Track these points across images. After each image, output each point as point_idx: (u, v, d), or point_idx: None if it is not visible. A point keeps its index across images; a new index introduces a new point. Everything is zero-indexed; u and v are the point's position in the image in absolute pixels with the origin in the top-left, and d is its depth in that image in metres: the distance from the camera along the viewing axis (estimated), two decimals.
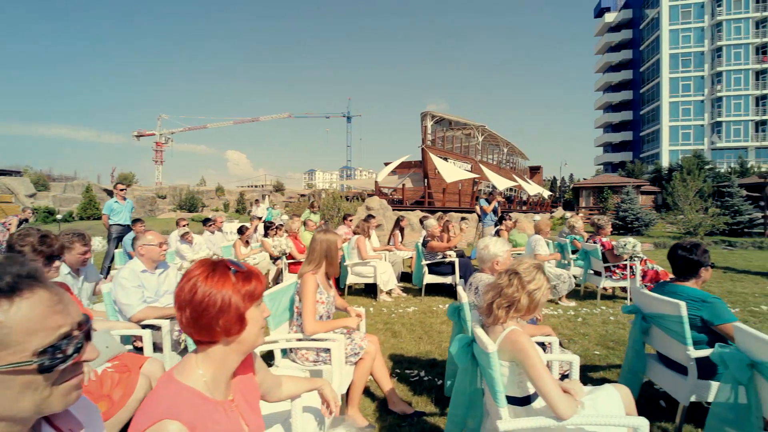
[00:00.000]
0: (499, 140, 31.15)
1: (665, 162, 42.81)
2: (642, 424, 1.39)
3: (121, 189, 7.18)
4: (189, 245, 5.80)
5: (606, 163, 57.76)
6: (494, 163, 30.40)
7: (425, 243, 5.52)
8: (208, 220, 7.47)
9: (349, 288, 6.09)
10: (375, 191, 19.06)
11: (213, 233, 7.39)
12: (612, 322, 4.45)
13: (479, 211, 8.42)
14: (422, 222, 5.99)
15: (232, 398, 1.08)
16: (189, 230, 5.91)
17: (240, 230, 6.18)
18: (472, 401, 1.73)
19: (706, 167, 30.49)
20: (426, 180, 21.46)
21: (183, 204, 43.89)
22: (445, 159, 22.78)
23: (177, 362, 1.06)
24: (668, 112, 46.23)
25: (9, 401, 0.63)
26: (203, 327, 0.98)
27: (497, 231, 6.32)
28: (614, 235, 16.48)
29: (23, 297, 0.64)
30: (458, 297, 2.50)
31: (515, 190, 30.67)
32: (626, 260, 5.07)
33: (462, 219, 20.11)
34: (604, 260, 5.22)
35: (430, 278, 5.48)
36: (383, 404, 2.66)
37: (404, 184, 23.48)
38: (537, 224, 5.32)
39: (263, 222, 16.87)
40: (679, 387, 2.22)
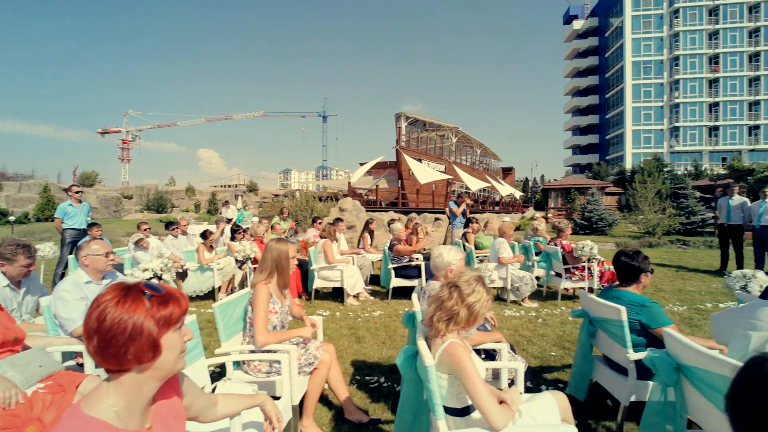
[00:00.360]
0: (473, 142, 31.71)
1: (628, 164, 44.85)
2: None
3: (77, 191, 6.81)
4: (145, 252, 5.57)
5: (575, 165, 59.92)
6: (468, 165, 30.92)
7: (391, 246, 5.54)
8: (171, 224, 7.20)
9: (317, 292, 6.04)
10: (348, 192, 18.97)
11: (176, 237, 7.14)
12: (570, 323, 4.60)
13: (449, 213, 8.53)
14: (389, 225, 6.01)
15: (150, 425, 1.04)
16: (143, 236, 5.68)
17: (203, 235, 5.99)
18: (418, 412, 1.75)
19: (665, 170, 32.13)
20: (400, 181, 21.57)
21: (151, 204, 42.22)
22: (419, 160, 22.98)
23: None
24: (631, 117, 48.49)
25: None
26: (111, 356, 0.93)
27: (464, 234, 6.43)
28: (580, 235, 17.11)
29: None
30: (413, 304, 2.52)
31: (488, 191, 31.30)
32: (585, 262, 5.28)
33: (435, 220, 20.36)
34: (565, 262, 5.41)
35: (397, 281, 5.50)
36: (340, 413, 2.64)
37: (378, 185, 23.50)
38: (501, 228, 5.44)
39: (233, 224, 16.50)
40: (621, 387, 2.32)
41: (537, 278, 6.00)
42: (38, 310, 2.97)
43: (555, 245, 5.55)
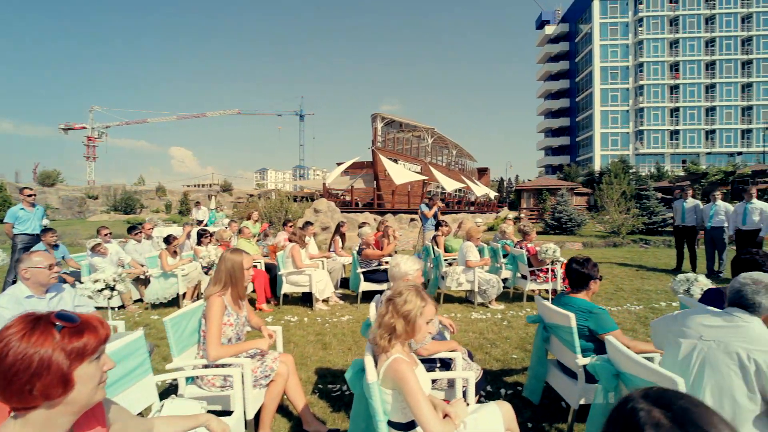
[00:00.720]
0: (448, 142, 32.12)
1: (597, 165, 46.58)
2: None
3: (29, 195, 6.45)
4: (103, 258, 5.34)
5: (547, 166, 61.70)
6: (443, 165, 31.28)
7: (360, 251, 5.53)
8: (134, 228, 6.91)
9: (286, 297, 5.96)
10: (323, 193, 18.82)
11: (139, 242, 6.86)
12: (533, 325, 4.73)
13: (420, 216, 8.60)
14: (359, 228, 6.00)
15: None
16: (101, 241, 5.43)
17: (167, 239, 5.78)
18: (369, 426, 1.74)
19: (630, 171, 33.54)
20: (376, 182, 21.59)
21: (118, 205, 40.51)
22: (395, 161, 23.06)
23: None
24: (599, 120, 50.40)
25: None
26: (14, 393, 0.88)
27: (434, 237, 6.49)
28: (551, 235, 17.58)
29: None
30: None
31: (463, 191, 31.77)
32: (548, 264, 5.43)
33: (411, 220, 20.47)
34: (530, 264, 5.55)
35: (366, 286, 5.49)
36: (298, 423, 2.61)
37: (354, 186, 23.43)
38: (468, 231, 5.53)
39: (205, 226, 15.98)
40: (571, 391, 2.40)
41: (505, 280, 6.14)
42: None
43: (520, 248, 5.69)
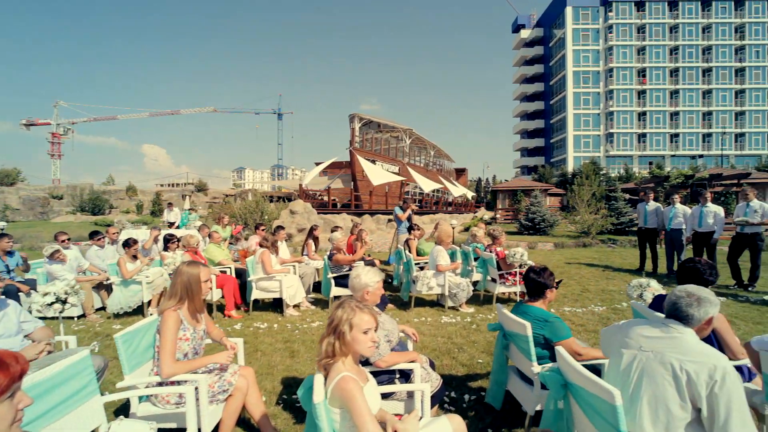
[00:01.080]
0: (426, 143, 32.38)
1: (570, 167, 48.04)
2: None
3: None
4: (62, 265, 5.10)
5: (523, 167, 63.17)
6: (422, 166, 31.51)
7: (331, 256, 5.50)
8: (96, 233, 6.60)
9: (257, 302, 5.86)
10: (299, 194, 18.61)
11: (102, 247, 6.58)
12: None
13: (394, 218, 8.63)
14: (332, 232, 5.96)
15: None
16: (60, 248, 5.18)
17: (126, 243, 5.54)
18: None
19: (601, 173, 34.75)
20: (353, 182, 21.52)
21: (85, 205, 38.81)
22: (373, 161, 23.06)
23: None
24: (572, 123, 52.01)
25: None
26: None
27: (407, 240, 6.53)
28: (525, 235, 17.96)
29: None
30: None
31: (441, 192, 32.10)
32: (517, 267, 5.56)
33: (389, 221, 20.51)
34: (499, 268, 5.66)
35: (337, 291, 5.47)
36: None
37: (330, 187, 23.29)
38: (439, 236, 5.59)
39: (176, 228, 15.49)
40: (528, 397, 2.46)
41: (476, 283, 6.24)
42: None
43: (490, 252, 5.80)
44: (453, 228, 12.94)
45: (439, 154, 36.44)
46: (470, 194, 37.89)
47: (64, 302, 2.99)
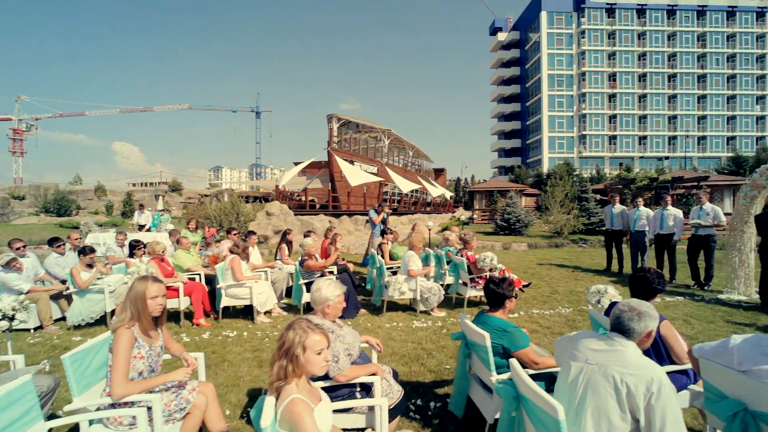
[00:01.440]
0: (405, 144, 32.49)
1: (545, 167, 49.31)
2: None
3: None
4: (18, 274, 4.85)
5: (500, 167, 64.36)
6: (400, 166, 31.61)
7: (302, 262, 5.45)
8: (55, 240, 6.30)
9: (228, 309, 5.74)
10: (276, 195, 18.35)
11: (63, 254, 6.28)
12: None
13: (369, 221, 8.63)
14: (304, 238, 5.91)
15: None
16: (15, 256, 4.92)
17: (82, 251, 5.30)
18: None
19: (574, 173, 35.82)
20: (331, 183, 21.40)
21: (49, 206, 37.06)
22: (351, 162, 22.98)
23: None
24: (547, 124, 53.39)
25: None
26: None
27: (380, 245, 6.55)
28: (501, 236, 18.27)
29: None
30: None
31: (419, 192, 32.30)
32: (487, 272, 5.66)
33: (367, 222, 20.48)
34: (470, 272, 5.75)
35: (309, 297, 5.40)
36: None
37: (307, 188, 23.08)
38: (410, 241, 5.62)
39: (147, 230, 14.97)
40: (487, 406, 2.51)
41: (448, 286, 6.32)
42: None
43: (461, 256, 5.88)
44: (429, 229, 13.07)
45: (418, 155, 36.65)
46: (449, 194, 38.32)
47: (12, 319, 2.84)
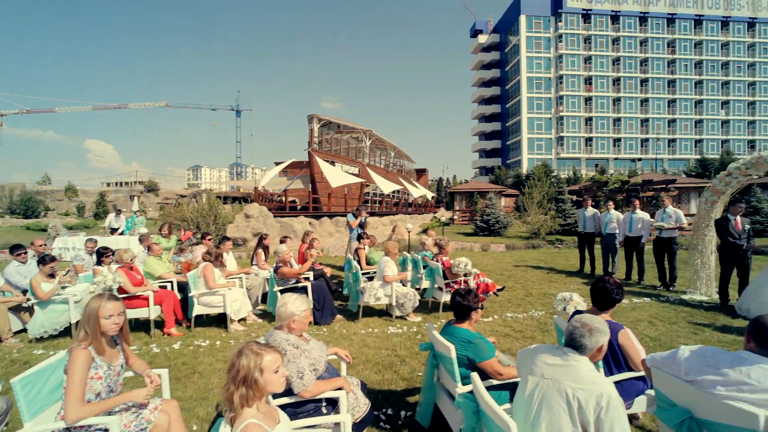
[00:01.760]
0: (387, 144, 32.55)
1: (525, 168, 50.34)
2: None
3: None
4: None
5: (481, 167, 65.28)
6: (382, 167, 31.64)
7: (276, 269, 5.40)
8: (17, 248, 6.02)
9: (200, 318, 5.63)
10: (255, 197, 18.08)
11: (25, 263, 6.00)
12: None
13: (347, 226, 8.61)
14: (280, 244, 5.85)
15: None
16: None
17: (42, 260, 5.09)
18: None
19: (552, 175, 36.69)
20: (311, 184, 21.23)
21: (15, 208, 35.44)
22: (332, 163, 22.86)
23: None
24: (527, 126, 54.47)
25: None
26: None
27: (356, 249, 6.54)
28: (480, 236, 18.52)
29: None
30: None
31: (401, 192, 32.43)
32: (462, 276, 5.73)
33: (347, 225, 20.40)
34: (445, 277, 5.81)
35: None
36: None
37: (287, 189, 22.85)
38: (386, 247, 5.65)
39: (120, 234, 14.48)
40: (453, 416, 2.55)
41: (424, 290, 6.37)
42: None
43: (437, 261, 5.94)
44: (409, 231, 13.13)
45: (400, 155, 36.78)
46: (430, 195, 38.59)
47: None
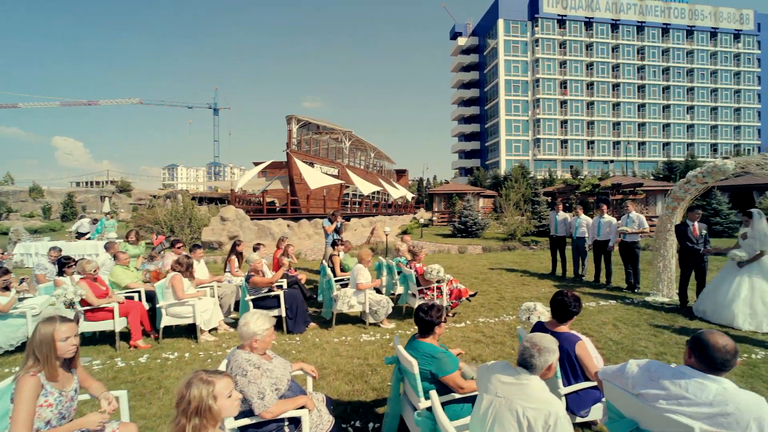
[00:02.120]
0: (366, 145, 32.53)
1: (503, 169, 51.32)
2: None
3: None
4: None
5: (461, 168, 66.11)
6: (361, 168, 31.60)
7: (248, 278, 5.32)
8: None
9: (169, 329, 5.48)
10: (231, 199, 17.74)
11: None
12: None
13: (323, 230, 8.56)
14: (252, 251, 5.77)
15: None
16: None
17: None
18: None
19: (528, 176, 37.53)
20: (290, 186, 21.01)
21: None
22: (311, 164, 22.67)
23: None
24: (505, 128, 55.52)
25: None
26: None
27: (331, 256, 6.52)
28: (458, 238, 18.75)
29: None
30: None
31: (380, 193, 32.49)
32: (435, 283, 5.80)
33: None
34: (419, 283, 5.87)
35: None
36: None
37: (266, 190, 22.53)
38: (359, 254, 5.66)
39: (88, 239, 13.93)
40: (417, 429, 2.58)
41: (398, 296, 6.41)
42: None
43: (410, 268, 5.99)
44: (387, 234, 13.18)
45: (380, 156, 36.81)
46: (410, 196, 38.81)
47: None
